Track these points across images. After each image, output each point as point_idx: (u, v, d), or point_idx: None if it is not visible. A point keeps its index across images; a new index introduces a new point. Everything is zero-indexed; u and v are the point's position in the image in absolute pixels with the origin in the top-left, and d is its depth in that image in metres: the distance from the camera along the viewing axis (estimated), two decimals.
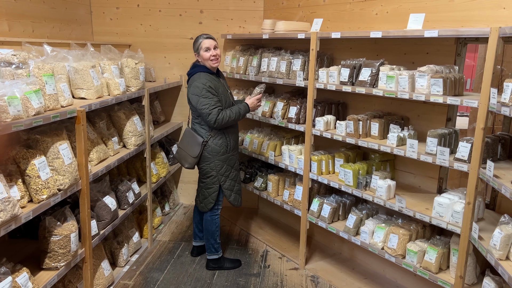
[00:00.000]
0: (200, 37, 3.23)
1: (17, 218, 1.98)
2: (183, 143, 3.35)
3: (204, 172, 3.32)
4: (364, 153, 3.46)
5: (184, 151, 3.31)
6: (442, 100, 2.43)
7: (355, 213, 3.14)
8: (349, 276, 3.46)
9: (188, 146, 3.29)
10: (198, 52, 3.23)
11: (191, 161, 3.29)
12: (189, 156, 3.28)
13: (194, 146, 3.25)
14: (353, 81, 3.02)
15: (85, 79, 2.78)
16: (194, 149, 3.25)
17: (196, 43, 3.24)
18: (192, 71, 3.26)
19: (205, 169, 3.31)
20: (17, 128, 1.94)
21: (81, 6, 4.22)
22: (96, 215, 2.89)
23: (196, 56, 3.26)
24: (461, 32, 2.34)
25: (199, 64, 3.27)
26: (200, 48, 3.20)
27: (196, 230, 3.70)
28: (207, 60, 3.21)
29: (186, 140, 3.32)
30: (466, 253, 2.41)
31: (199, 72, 3.21)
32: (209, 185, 3.33)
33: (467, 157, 2.38)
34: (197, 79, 3.16)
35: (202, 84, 3.11)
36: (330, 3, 3.65)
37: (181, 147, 3.36)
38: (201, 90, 3.10)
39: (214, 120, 3.10)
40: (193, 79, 3.20)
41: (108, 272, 3.10)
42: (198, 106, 3.12)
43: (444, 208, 2.52)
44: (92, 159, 2.88)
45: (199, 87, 3.11)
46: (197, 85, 3.12)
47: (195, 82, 3.14)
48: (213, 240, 3.45)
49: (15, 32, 3.10)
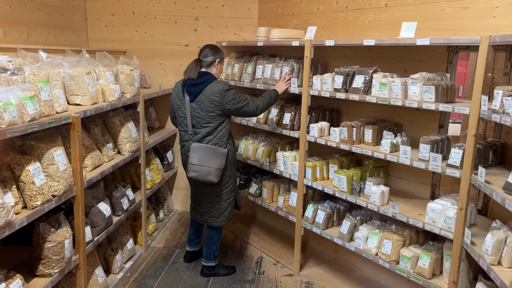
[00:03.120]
0: (223, 50, 3.31)
1: (11, 225, 1.98)
2: (199, 159, 3.12)
3: (224, 182, 3.26)
4: (358, 159, 3.48)
5: (206, 167, 3.12)
6: (434, 107, 2.47)
7: (349, 219, 3.16)
8: (344, 282, 3.47)
9: (210, 160, 3.11)
10: (221, 62, 3.25)
11: (218, 174, 3.14)
12: (215, 169, 3.12)
13: (217, 158, 3.12)
14: (346, 88, 3.06)
15: (80, 86, 2.79)
16: (219, 161, 3.13)
17: (221, 53, 3.26)
18: (207, 77, 3.12)
19: (225, 179, 3.26)
20: (12, 134, 1.94)
21: (76, 12, 4.23)
22: (90, 221, 2.88)
23: (216, 63, 3.20)
24: (453, 40, 2.38)
25: (209, 72, 3.19)
26: (223, 59, 3.29)
27: (192, 236, 3.69)
28: (220, 73, 3.31)
29: (202, 155, 3.12)
30: (459, 259, 2.43)
31: (215, 80, 3.15)
32: (228, 195, 3.32)
33: (459, 163, 2.41)
34: (219, 83, 3.10)
35: (229, 85, 3.11)
36: (324, 11, 3.69)
37: (200, 164, 3.12)
38: (231, 88, 3.11)
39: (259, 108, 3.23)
40: (218, 84, 3.08)
41: (102, 279, 3.08)
42: (236, 104, 3.11)
43: (437, 213, 2.55)
44: (86, 165, 2.87)
45: (228, 88, 3.09)
46: (226, 87, 3.08)
47: (224, 85, 3.08)
48: (215, 248, 3.45)
49: (10, 38, 3.11)
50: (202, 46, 3.28)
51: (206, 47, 3.25)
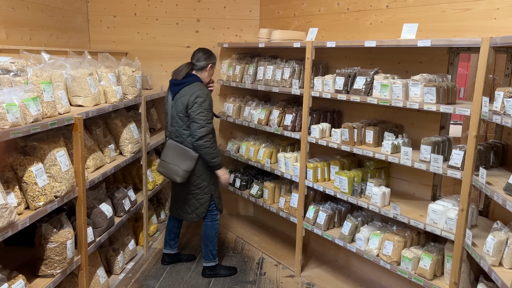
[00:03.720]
0: (215, 55, 3.34)
1: (14, 225, 1.99)
2: (170, 157, 3.23)
3: (195, 183, 3.29)
4: (359, 160, 3.49)
5: (173, 165, 3.20)
6: (435, 108, 2.47)
7: (351, 220, 3.16)
8: (345, 283, 3.47)
9: (179, 159, 3.19)
10: (213, 67, 3.30)
11: (185, 175, 3.20)
12: (182, 170, 3.18)
13: (186, 160, 3.18)
14: (348, 89, 3.06)
15: (83, 87, 2.80)
16: (187, 162, 3.18)
17: (214, 58, 3.31)
18: (189, 79, 3.20)
19: (196, 180, 3.29)
20: (15, 135, 1.95)
21: (78, 14, 4.25)
22: (92, 222, 2.89)
23: (208, 68, 3.26)
24: (453, 42, 2.39)
25: (195, 75, 3.25)
26: (215, 65, 3.33)
27: (167, 237, 3.67)
28: (209, 77, 3.34)
29: (173, 153, 3.22)
30: (460, 260, 2.44)
31: (200, 82, 3.20)
32: (200, 195, 3.33)
33: (460, 165, 2.41)
34: (201, 88, 3.14)
35: (206, 95, 3.13)
36: (325, 13, 3.70)
37: (168, 162, 3.23)
38: (204, 100, 3.10)
39: (204, 135, 3.08)
40: (194, 88, 3.13)
41: (103, 279, 3.09)
42: (195, 114, 3.08)
43: (438, 215, 2.55)
44: (88, 166, 2.88)
45: (202, 97, 3.10)
46: (201, 95, 3.10)
47: (198, 92, 3.11)
48: (212, 246, 3.46)
49: (13, 40, 3.12)
50: (196, 50, 3.32)
51: (200, 51, 3.30)
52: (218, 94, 4.66)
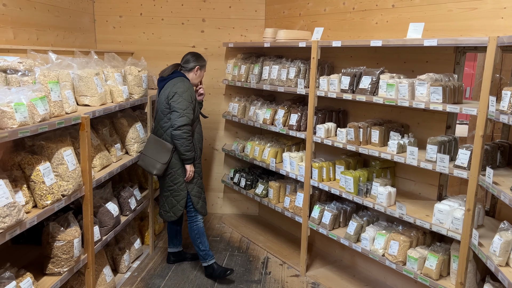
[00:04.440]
0: (206, 61, 3.41)
1: (22, 223, 2.00)
2: (148, 150, 3.31)
3: (171, 178, 3.31)
4: (365, 160, 3.48)
5: (151, 158, 3.27)
6: (442, 108, 2.46)
7: (356, 220, 3.16)
8: (350, 283, 3.47)
9: (156, 152, 3.26)
10: (201, 68, 3.37)
11: (160, 168, 3.25)
12: (158, 163, 3.25)
13: (162, 152, 3.24)
14: (353, 89, 3.06)
15: (89, 86, 2.82)
16: (163, 155, 3.24)
17: (203, 61, 3.38)
18: (174, 75, 3.28)
19: (173, 175, 3.31)
20: (23, 134, 1.97)
21: (84, 14, 4.27)
22: (98, 221, 2.91)
23: (195, 69, 3.34)
24: (460, 41, 2.38)
25: (180, 72, 3.33)
26: (203, 67, 3.39)
27: (169, 236, 3.70)
28: (198, 79, 3.41)
29: (152, 146, 3.30)
30: (466, 260, 2.43)
31: (184, 77, 3.28)
32: (176, 192, 3.33)
33: (467, 164, 2.40)
34: (182, 81, 3.22)
35: (186, 88, 3.19)
36: (330, 13, 3.70)
37: (146, 154, 3.31)
38: (185, 91, 3.16)
39: (182, 124, 3.12)
40: (176, 81, 3.23)
41: (109, 278, 3.11)
42: (175, 104, 3.13)
43: (444, 214, 2.54)
44: (95, 166, 2.90)
45: (182, 88, 3.16)
46: (181, 87, 3.17)
47: (180, 83, 3.19)
48: (197, 247, 3.45)
49: (20, 40, 3.14)
50: (185, 53, 3.41)
51: (189, 54, 3.40)
52: (223, 94, 4.67)
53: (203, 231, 3.44)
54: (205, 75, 3.61)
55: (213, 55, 4.57)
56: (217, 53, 4.58)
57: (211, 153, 4.79)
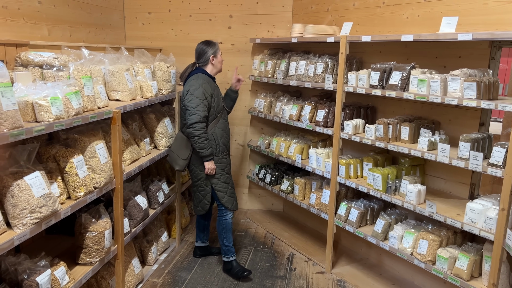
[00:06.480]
0: (215, 42, 3.37)
1: (56, 214, 2.07)
2: (174, 146, 3.37)
3: (195, 174, 3.36)
4: (393, 157, 3.42)
5: (175, 154, 3.33)
6: (476, 104, 2.39)
7: (384, 218, 3.11)
8: (376, 282, 3.43)
9: (179, 148, 3.31)
10: (215, 55, 3.33)
11: (182, 163, 3.31)
12: (180, 159, 3.31)
13: (183, 148, 3.29)
14: (383, 84, 3.01)
15: (120, 82, 2.88)
16: (183, 151, 3.29)
17: (214, 46, 3.34)
18: (191, 74, 3.30)
19: (195, 171, 3.34)
20: (58, 128, 2.03)
21: (115, 11, 4.36)
22: (128, 213, 2.97)
23: (211, 59, 3.31)
24: (496, 35, 2.31)
25: (199, 68, 3.34)
26: (217, 52, 3.34)
27: (197, 230, 3.75)
28: (219, 65, 3.37)
29: (176, 143, 3.35)
30: (499, 261, 2.36)
31: (200, 74, 3.27)
32: (201, 187, 3.37)
33: (502, 162, 2.33)
34: (195, 78, 3.22)
35: (199, 84, 3.18)
36: (359, 7, 3.64)
37: (172, 150, 3.37)
38: (197, 88, 3.16)
39: (194, 122, 3.12)
40: (191, 79, 3.25)
41: (138, 269, 3.17)
42: (187, 102, 3.15)
43: (476, 214, 2.48)
44: (125, 159, 2.96)
45: (194, 86, 3.17)
46: (194, 84, 3.18)
47: (193, 81, 3.21)
48: (221, 241, 3.47)
49: (54, 36, 3.24)
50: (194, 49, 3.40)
51: (196, 49, 3.38)
52: (249, 90, 4.68)
53: (230, 227, 3.46)
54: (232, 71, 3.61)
55: (240, 51, 4.58)
56: (243, 49, 4.59)
57: (236, 148, 4.81)
